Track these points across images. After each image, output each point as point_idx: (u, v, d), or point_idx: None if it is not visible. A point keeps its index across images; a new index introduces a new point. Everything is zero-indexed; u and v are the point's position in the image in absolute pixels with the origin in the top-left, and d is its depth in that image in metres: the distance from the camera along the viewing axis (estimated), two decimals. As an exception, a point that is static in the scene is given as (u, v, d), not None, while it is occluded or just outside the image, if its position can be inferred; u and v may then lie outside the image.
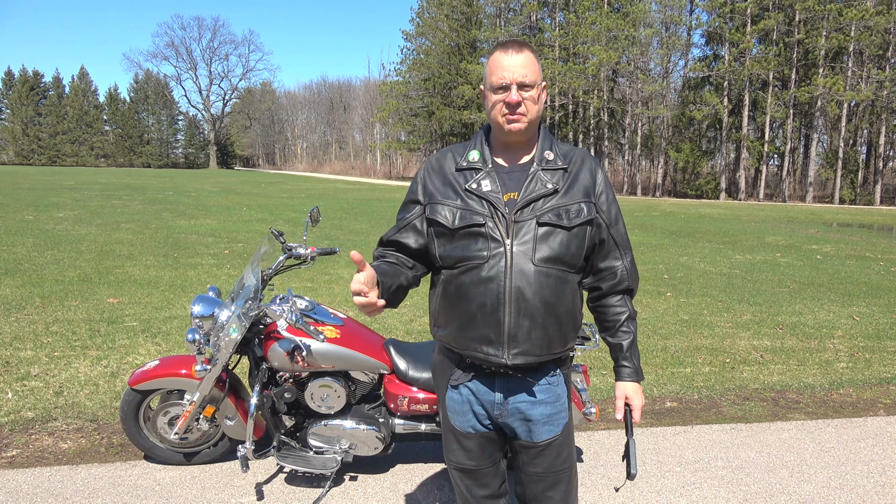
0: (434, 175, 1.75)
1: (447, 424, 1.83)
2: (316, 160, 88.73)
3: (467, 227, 1.64)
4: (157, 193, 22.72)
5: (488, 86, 1.66)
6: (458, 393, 1.77)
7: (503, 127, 1.65)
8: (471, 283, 1.63)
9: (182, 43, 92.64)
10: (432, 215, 1.69)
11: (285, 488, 2.94)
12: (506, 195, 1.65)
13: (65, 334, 5.14)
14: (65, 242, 10.03)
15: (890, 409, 4.22)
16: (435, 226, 1.70)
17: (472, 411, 1.76)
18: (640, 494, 3.00)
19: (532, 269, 1.61)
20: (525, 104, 1.62)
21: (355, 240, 11.72)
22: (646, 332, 5.87)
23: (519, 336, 1.63)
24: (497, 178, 1.67)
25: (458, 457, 1.82)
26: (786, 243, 13.75)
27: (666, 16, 39.21)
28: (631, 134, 42.12)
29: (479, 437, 1.78)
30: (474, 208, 1.65)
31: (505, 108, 1.62)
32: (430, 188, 1.73)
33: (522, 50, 1.63)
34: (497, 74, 1.62)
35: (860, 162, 37.78)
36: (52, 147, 73.63)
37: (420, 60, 49.72)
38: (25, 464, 3.10)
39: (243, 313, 2.72)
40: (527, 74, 1.61)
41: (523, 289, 1.60)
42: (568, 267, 1.66)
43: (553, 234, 1.63)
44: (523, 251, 1.61)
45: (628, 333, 1.81)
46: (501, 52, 1.63)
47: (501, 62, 1.62)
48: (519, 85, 1.61)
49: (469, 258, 1.64)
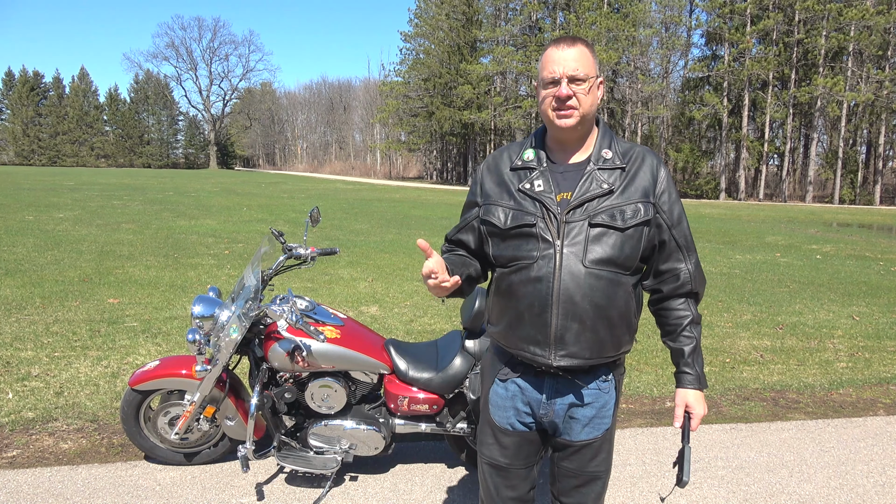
0: (490, 175, 1.74)
1: (486, 418, 1.82)
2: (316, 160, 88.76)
3: (518, 227, 1.63)
4: (158, 194, 22.72)
5: (539, 81, 1.63)
6: (505, 388, 1.76)
7: (553, 122, 1.62)
8: (520, 283, 1.63)
9: (182, 43, 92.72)
10: (486, 216, 1.70)
11: (286, 488, 2.94)
12: (559, 195, 1.63)
13: (65, 335, 5.14)
14: (65, 243, 10.03)
15: (890, 408, 4.23)
16: (488, 226, 1.70)
17: (515, 408, 1.75)
18: (640, 494, 3.00)
19: (582, 271, 1.58)
20: (577, 97, 1.58)
21: (355, 240, 11.72)
22: (646, 332, 5.87)
23: (566, 338, 1.61)
24: (551, 177, 1.65)
25: (492, 452, 1.80)
26: (786, 243, 13.76)
27: (666, 16, 39.23)
28: (631, 134, 42.12)
29: (517, 436, 1.77)
30: (526, 208, 1.63)
31: (554, 101, 1.59)
32: (487, 189, 1.73)
33: (575, 44, 1.60)
34: (548, 69, 1.60)
35: (860, 162, 37.78)
36: (52, 147, 73.64)
37: (420, 60, 49.74)
38: (26, 464, 3.11)
39: (244, 314, 2.73)
40: (578, 68, 1.58)
41: (572, 291, 1.58)
42: (621, 269, 1.62)
43: (606, 235, 1.59)
44: (574, 252, 1.58)
45: (691, 338, 1.75)
46: (554, 47, 1.61)
47: (553, 56, 1.59)
48: (570, 79, 1.58)
49: (520, 258, 1.63)
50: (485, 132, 48.94)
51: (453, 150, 57.24)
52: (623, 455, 3.40)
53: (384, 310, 6.41)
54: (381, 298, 6.92)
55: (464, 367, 2.86)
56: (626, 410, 4.07)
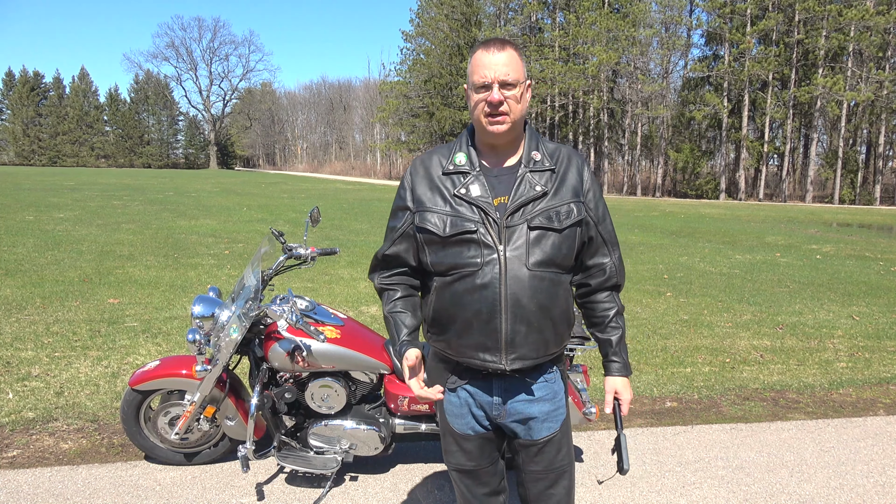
0: (421, 180, 1.70)
1: (446, 427, 1.83)
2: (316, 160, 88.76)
3: (459, 234, 1.61)
4: (158, 194, 22.73)
5: (470, 84, 1.63)
6: (457, 396, 1.77)
7: (486, 128, 1.61)
8: (465, 291, 1.61)
9: (182, 43, 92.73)
10: (422, 223, 1.66)
11: (286, 488, 2.94)
12: (496, 199, 1.62)
13: (65, 335, 5.14)
14: (65, 243, 10.03)
15: (890, 408, 4.23)
16: (424, 233, 1.66)
17: (472, 413, 1.76)
18: (640, 494, 3.00)
19: (526, 274, 1.60)
20: (508, 103, 1.58)
21: (355, 240, 11.72)
22: (646, 332, 5.87)
23: (517, 341, 1.62)
24: (486, 182, 1.64)
25: (457, 458, 1.83)
26: (785, 243, 13.76)
27: (666, 16, 39.22)
28: (631, 134, 42.13)
29: (478, 438, 1.79)
30: (465, 215, 1.61)
31: (487, 107, 1.59)
32: (419, 194, 1.68)
33: (504, 48, 1.59)
34: (478, 73, 1.59)
35: (860, 162, 37.78)
36: (52, 147, 73.66)
37: (420, 61, 49.73)
38: (26, 464, 3.11)
39: (244, 314, 2.73)
40: (509, 73, 1.57)
41: (519, 295, 1.59)
42: (560, 269, 1.66)
43: (545, 237, 1.61)
44: (517, 256, 1.59)
45: (617, 329, 1.81)
46: (483, 50, 1.60)
47: (483, 60, 1.58)
48: (501, 84, 1.57)
49: (462, 265, 1.61)
50: (485, 132, 48.87)
51: (453, 151, 57.16)
52: (623, 455, 3.40)
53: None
54: (381, 298, 6.91)
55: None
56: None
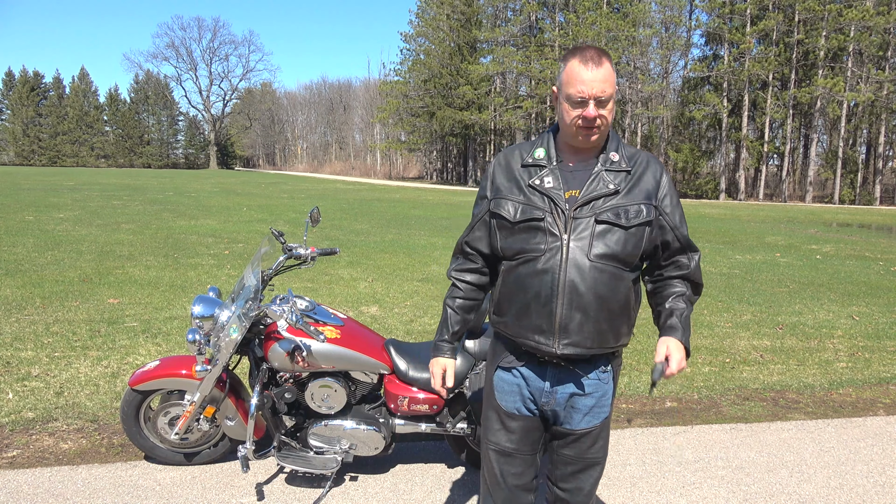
0: (502, 171, 1.80)
1: (492, 404, 1.87)
2: (316, 160, 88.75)
3: (527, 220, 1.70)
4: (158, 194, 22.72)
5: (564, 95, 1.67)
6: (511, 375, 1.83)
7: (578, 138, 1.69)
8: (527, 275, 1.70)
9: (182, 43, 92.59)
10: (496, 209, 1.77)
11: (286, 488, 2.94)
12: (567, 192, 1.70)
13: (65, 335, 5.14)
14: (65, 243, 10.03)
15: (890, 408, 4.23)
16: (497, 219, 1.77)
17: (521, 394, 1.82)
18: (640, 494, 3.00)
19: (587, 264, 1.66)
20: (601, 118, 1.65)
21: (355, 240, 11.72)
22: (646, 332, 5.87)
23: (570, 327, 1.68)
24: (560, 175, 1.72)
25: (498, 437, 1.85)
26: (785, 243, 13.76)
27: (666, 16, 39.24)
28: (631, 134, 42.12)
29: (523, 420, 1.83)
30: (535, 203, 1.70)
31: (581, 121, 1.65)
32: (498, 183, 1.79)
33: (602, 62, 1.62)
34: (575, 87, 1.62)
35: (860, 162, 37.79)
36: (52, 147, 73.64)
37: (420, 61, 49.74)
38: (26, 464, 3.11)
39: (244, 314, 2.73)
40: (605, 89, 1.62)
41: (577, 282, 1.65)
42: (623, 264, 1.70)
43: (610, 231, 1.67)
44: (580, 246, 1.66)
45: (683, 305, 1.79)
46: (581, 63, 1.62)
47: (581, 75, 1.61)
48: (597, 101, 1.62)
49: (528, 250, 1.70)
50: (485, 133, 48.94)
51: (453, 151, 57.24)
52: (623, 455, 3.40)
53: (384, 310, 6.41)
54: (381, 298, 6.92)
55: (464, 367, 2.86)
56: (626, 410, 4.07)
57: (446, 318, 1.95)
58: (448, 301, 1.95)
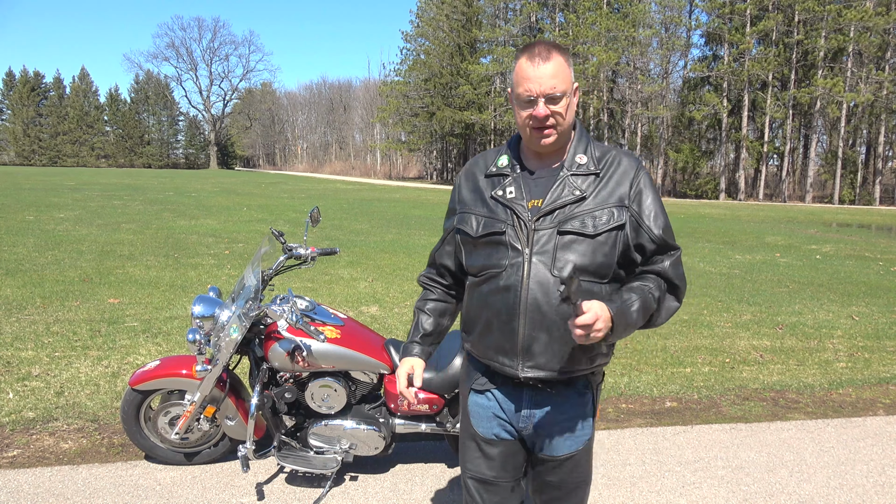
0: (466, 182, 1.71)
1: (468, 431, 1.74)
2: (316, 160, 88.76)
3: (489, 234, 1.59)
4: (158, 194, 22.72)
5: (514, 96, 1.55)
6: (485, 398, 1.70)
7: (532, 140, 1.57)
8: (489, 292, 1.59)
9: (182, 44, 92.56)
10: (460, 224, 1.67)
11: (286, 488, 2.94)
12: (530, 202, 1.57)
13: (65, 334, 5.14)
14: (65, 243, 10.03)
15: (889, 408, 4.23)
16: (461, 234, 1.68)
17: (498, 417, 1.69)
18: (640, 494, 3.00)
19: (551, 280, 1.51)
20: (554, 117, 1.52)
21: (355, 240, 11.72)
22: (646, 332, 5.87)
23: (534, 349, 1.55)
24: (523, 183, 1.60)
25: (478, 466, 1.72)
26: (785, 243, 13.76)
27: (665, 16, 39.25)
28: (630, 134, 42.12)
29: (503, 445, 1.70)
30: (498, 216, 1.59)
31: (532, 122, 1.53)
32: (463, 195, 1.71)
33: (550, 56, 1.49)
34: (523, 86, 1.50)
35: (859, 162, 37.80)
36: (52, 147, 73.62)
37: (420, 61, 49.77)
38: (26, 464, 3.11)
39: (244, 313, 2.73)
40: (555, 86, 1.49)
41: (540, 300, 1.52)
42: (595, 277, 1.55)
43: (575, 242, 1.53)
44: (542, 261, 1.53)
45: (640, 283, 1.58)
46: (527, 60, 1.50)
47: (527, 73, 1.49)
48: (547, 98, 1.50)
49: (490, 267, 1.59)
50: (485, 132, 48.95)
51: (453, 151, 57.23)
52: (623, 455, 3.41)
53: (384, 310, 6.41)
54: (381, 298, 6.92)
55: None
56: (626, 410, 4.08)
57: (418, 321, 1.82)
58: (419, 304, 1.84)
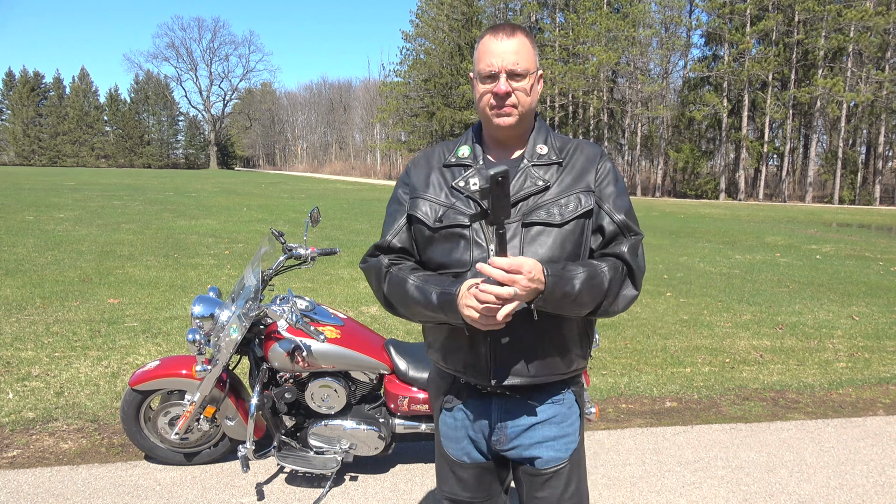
0: (418, 170, 1.58)
1: (440, 451, 1.65)
2: (316, 160, 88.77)
3: (450, 227, 1.47)
4: (158, 194, 22.72)
5: (476, 73, 1.48)
6: (453, 417, 1.59)
7: (491, 121, 1.48)
8: None
9: (182, 44, 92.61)
10: (412, 210, 1.52)
11: (286, 488, 2.94)
12: None
13: (65, 335, 5.14)
14: (65, 243, 10.03)
15: (889, 408, 4.23)
16: (415, 223, 1.52)
17: (468, 437, 1.58)
18: (640, 494, 3.00)
19: None
20: (516, 95, 1.44)
21: (355, 240, 11.72)
22: (646, 332, 5.87)
23: (503, 355, 1.45)
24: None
25: (451, 487, 1.63)
26: (785, 243, 13.76)
27: (665, 16, 39.24)
28: (630, 134, 42.14)
29: (475, 468, 1.59)
30: (459, 208, 1.47)
31: (493, 98, 1.45)
32: (414, 181, 1.56)
33: (515, 34, 1.44)
34: (485, 61, 1.44)
35: (859, 162, 37.80)
36: (52, 148, 73.65)
37: (420, 61, 49.77)
38: (26, 464, 3.11)
39: (244, 314, 2.73)
40: (518, 62, 1.43)
41: None
42: None
43: (542, 234, 1.44)
44: None
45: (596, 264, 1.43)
46: (491, 35, 1.45)
47: (490, 47, 1.44)
48: (509, 74, 1.43)
49: (450, 265, 1.47)
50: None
51: (453, 151, 57.19)
52: (623, 455, 3.41)
53: (384, 310, 6.40)
54: (381, 298, 6.91)
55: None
56: (626, 410, 4.08)
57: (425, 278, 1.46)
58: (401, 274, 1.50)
